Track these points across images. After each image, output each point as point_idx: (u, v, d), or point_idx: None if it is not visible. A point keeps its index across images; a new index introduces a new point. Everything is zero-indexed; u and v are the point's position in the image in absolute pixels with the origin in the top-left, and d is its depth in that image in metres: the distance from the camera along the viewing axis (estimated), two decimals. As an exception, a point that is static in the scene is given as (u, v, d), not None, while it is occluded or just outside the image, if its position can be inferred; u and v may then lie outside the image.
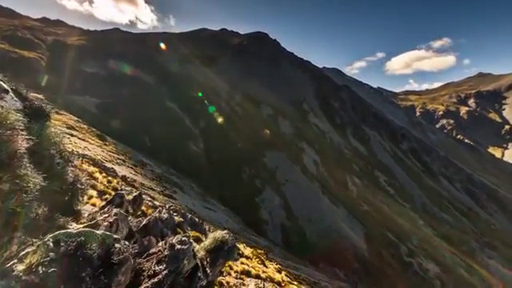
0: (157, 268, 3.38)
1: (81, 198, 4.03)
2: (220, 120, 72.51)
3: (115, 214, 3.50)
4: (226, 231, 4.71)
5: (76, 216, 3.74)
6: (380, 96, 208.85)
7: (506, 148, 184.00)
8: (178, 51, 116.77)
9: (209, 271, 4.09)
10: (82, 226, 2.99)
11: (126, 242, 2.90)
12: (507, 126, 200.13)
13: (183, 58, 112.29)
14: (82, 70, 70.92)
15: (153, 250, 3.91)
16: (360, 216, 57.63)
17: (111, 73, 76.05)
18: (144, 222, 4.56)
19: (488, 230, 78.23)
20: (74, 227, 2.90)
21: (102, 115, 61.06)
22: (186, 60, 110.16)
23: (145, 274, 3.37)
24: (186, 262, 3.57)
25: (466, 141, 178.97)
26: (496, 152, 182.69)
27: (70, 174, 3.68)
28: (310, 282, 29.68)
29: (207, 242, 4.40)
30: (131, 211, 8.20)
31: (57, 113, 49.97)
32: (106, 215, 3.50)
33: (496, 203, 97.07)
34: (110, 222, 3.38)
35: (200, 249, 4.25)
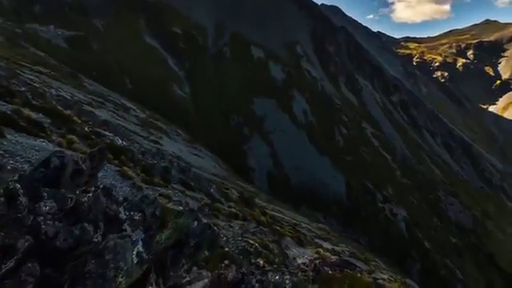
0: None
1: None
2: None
3: None
4: (197, 206, 3.44)
5: None
6: (379, 41, 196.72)
7: (494, 103, 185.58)
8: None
9: (169, 274, 2.96)
10: None
11: None
12: (499, 81, 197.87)
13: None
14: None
15: (83, 249, 2.66)
16: (343, 166, 60.03)
17: (77, -2, 64.85)
18: (71, 204, 3.05)
19: (456, 181, 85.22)
20: None
21: (74, 51, 54.21)
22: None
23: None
24: (121, 278, 2.34)
25: (456, 94, 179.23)
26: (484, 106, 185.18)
27: None
28: (291, 223, 32.15)
29: (165, 234, 3.10)
30: (88, 172, 6.79)
31: (17, 45, 43.34)
32: None
33: (468, 156, 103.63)
34: None
35: (156, 243, 3.01)
